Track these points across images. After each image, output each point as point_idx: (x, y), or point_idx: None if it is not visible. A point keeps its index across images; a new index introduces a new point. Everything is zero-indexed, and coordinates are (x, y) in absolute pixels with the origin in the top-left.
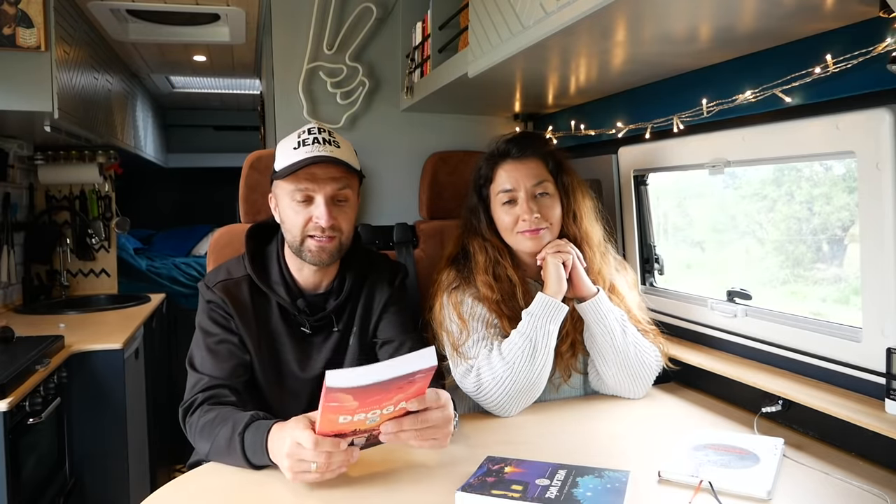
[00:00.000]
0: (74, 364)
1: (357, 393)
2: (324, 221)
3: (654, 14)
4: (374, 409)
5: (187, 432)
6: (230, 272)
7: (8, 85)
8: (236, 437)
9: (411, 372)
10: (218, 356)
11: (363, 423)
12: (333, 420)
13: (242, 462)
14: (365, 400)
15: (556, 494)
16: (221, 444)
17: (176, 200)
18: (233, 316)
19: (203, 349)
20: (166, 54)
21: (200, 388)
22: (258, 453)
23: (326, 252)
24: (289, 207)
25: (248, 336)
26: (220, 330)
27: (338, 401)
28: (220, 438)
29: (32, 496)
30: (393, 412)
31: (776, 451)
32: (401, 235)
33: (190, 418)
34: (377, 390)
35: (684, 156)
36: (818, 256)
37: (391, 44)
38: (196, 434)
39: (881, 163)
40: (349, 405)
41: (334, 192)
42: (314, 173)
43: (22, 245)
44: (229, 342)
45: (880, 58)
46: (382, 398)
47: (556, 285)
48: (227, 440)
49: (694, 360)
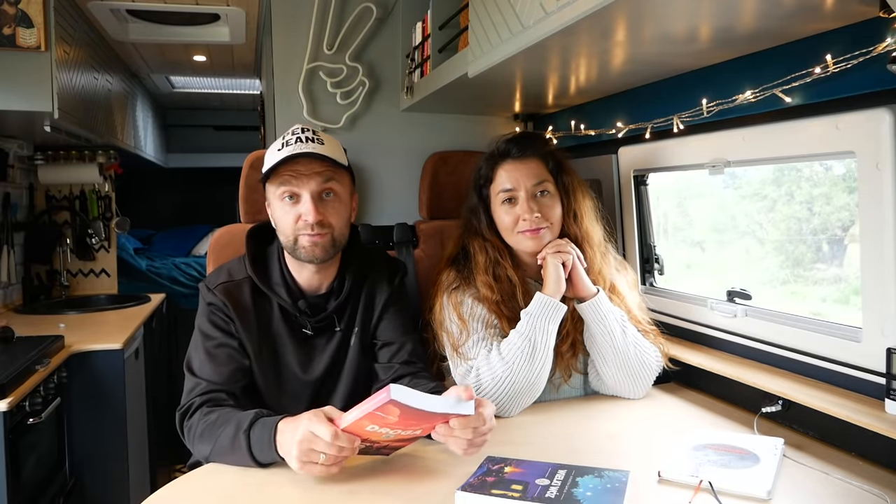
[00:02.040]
0: (74, 364)
1: (406, 412)
2: (311, 217)
3: (654, 14)
4: (399, 429)
5: (185, 436)
6: (231, 274)
7: (8, 85)
8: (241, 435)
9: (452, 413)
10: (216, 360)
11: (380, 436)
12: (364, 426)
13: (247, 460)
14: (405, 420)
15: (556, 494)
16: (225, 443)
17: (176, 200)
18: (233, 319)
19: (202, 353)
20: (166, 54)
21: (198, 392)
22: (265, 449)
23: (319, 247)
24: (279, 209)
25: (249, 339)
26: (220, 334)
27: (386, 412)
28: (223, 438)
29: (32, 496)
30: (410, 434)
31: (776, 451)
32: (401, 235)
33: (188, 422)
34: (419, 416)
35: (684, 156)
36: (818, 256)
37: (391, 44)
38: (195, 437)
39: (881, 163)
40: (390, 419)
41: (319, 186)
42: (296, 170)
43: (22, 245)
44: (229, 346)
45: (880, 58)
46: (416, 423)
47: (554, 285)
48: (232, 438)
49: (694, 360)
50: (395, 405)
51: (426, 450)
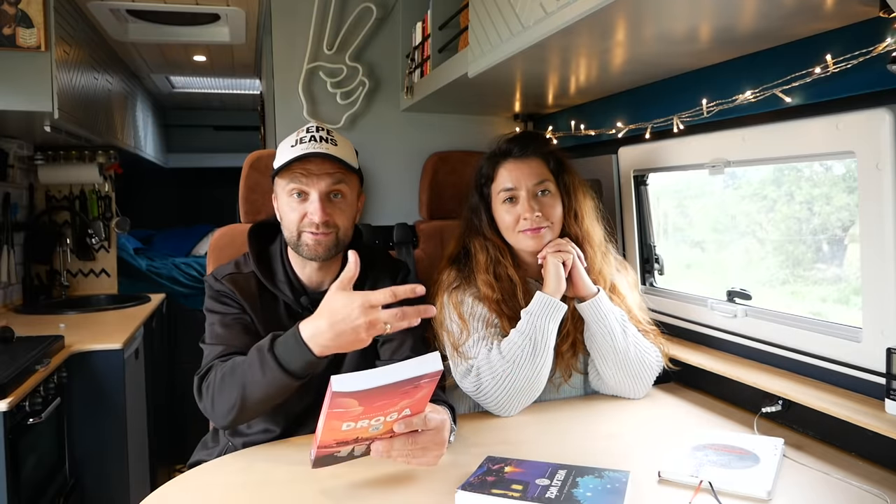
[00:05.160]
0: (74, 364)
1: (363, 398)
2: (317, 217)
3: (654, 14)
4: (378, 416)
5: (204, 396)
6: (239, 267)
7: (8, 85)
8: (266, 354)
9: (416, 376)
10: (233, 329)
11: (366, 431)
12: (337, 428)
13: (282, 375)
14: (370, 405)
15: (556, 494)
16: (255, 374)
17: (176, 200)
18: (243, 303)
19: (217, 325)
20: (166, 54)
21: (216, 355)
22: (294, 352)
23: (322, 246)
24: (285, 204)
25: (259, 323)
26: (233, 310)
27: (343, 406)
28: (250, 372)
29: (32, 496)
30: (397, 419)
31: (776, 451)
32: (401, 235)
33: (207, 380)
34: (382, 395)
35: (684, 156)
36: (818, 256)
37: (391, 44)
38: (216, 388)
39: (881, 163)
40: (354, 411)
41: (328, 187)
42: (308, 169)
43: (22, 245)
44: (242, 320)
45: (880, 58)
46: (387, 404)
47: (555, 284)
48: (260, 365)
49: (694, 360)
50: (343, 396)
51: None
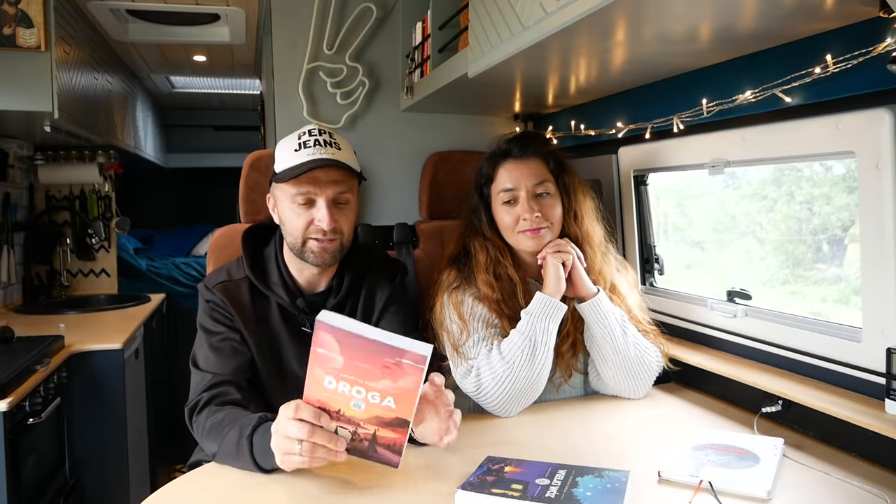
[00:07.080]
0: (74, 364)
1: (344, 344)
2: (325, 224)
3: (654, 14)
4: (359, 386)
5: (194, 432)
6: (230, 274)
7: (8, 85)
8: (244, 441)
9: (399, 348)
10: (221, 353)
11: (347, 404)
12: (320, 380)
13: (251, 465)
14: (351, 360)
15: (556, 494)
16: (230, 447)
17: (176, 200)
18: (233, 315)
19: (206, 348)
20: (166, 54)
21: (205, 385)
22: (267, 455)
23: (329, 253)
24: (290, 210)
25: (249, 335)
26: (223, 328)
27: (325, 347)
28: (228, 442)
29: (32, 496)
30: (379, 405)
31: (776, 451)
32: (401, 235)
33: (197, 418)
34: (364, 353)
35: (684, 156)
36: (818, 256)
37: (391, 44)
38: (204, 435)
39: (881, 163)
40: (335, 361)
41: (336, 195)
42: (316, 176)
43: (22, 245)
44: (232, 340)
45: (880, 58)
46: (368, 371)
47: (554, 284)
48: (236, 444)
49: (694, 360)
50: (327, 331)
51: (426, 450)
